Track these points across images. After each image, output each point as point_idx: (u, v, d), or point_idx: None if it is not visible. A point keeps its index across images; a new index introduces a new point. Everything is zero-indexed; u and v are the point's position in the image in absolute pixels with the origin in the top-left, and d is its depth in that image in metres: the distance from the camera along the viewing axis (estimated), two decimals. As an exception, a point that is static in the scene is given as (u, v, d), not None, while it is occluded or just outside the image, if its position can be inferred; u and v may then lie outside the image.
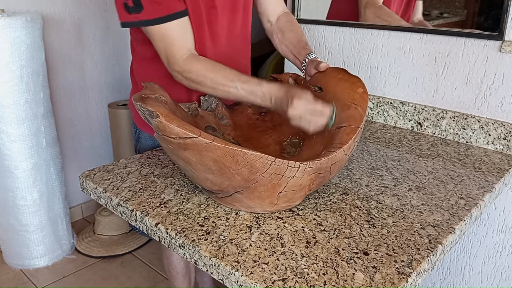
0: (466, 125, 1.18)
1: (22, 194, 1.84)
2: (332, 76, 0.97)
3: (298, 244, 0.73)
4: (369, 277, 0.65)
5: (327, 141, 0.87)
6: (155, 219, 0.80)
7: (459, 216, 0.82)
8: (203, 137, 0.69)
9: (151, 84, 0.88)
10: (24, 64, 1.71)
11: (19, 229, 1.89)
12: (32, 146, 1.80)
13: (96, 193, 0.95)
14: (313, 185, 0.79)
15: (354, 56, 1.39)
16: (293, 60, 1.12)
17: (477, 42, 1.13)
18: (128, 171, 1.00)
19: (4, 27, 1.63)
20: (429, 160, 1.07)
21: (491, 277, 1.23)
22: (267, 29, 1.22)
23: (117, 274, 1.95)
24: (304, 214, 0.82)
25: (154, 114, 0.71)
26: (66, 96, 2.19)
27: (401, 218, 0.81)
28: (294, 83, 1.09)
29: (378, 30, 1.31)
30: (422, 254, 0.70)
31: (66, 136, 2.23)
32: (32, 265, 1.97)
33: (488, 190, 0.93)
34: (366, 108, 0.87)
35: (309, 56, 1.05)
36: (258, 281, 0.64)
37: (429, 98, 1.25)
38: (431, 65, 1.23)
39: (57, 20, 2.07)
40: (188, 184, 0.94)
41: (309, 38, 1.47)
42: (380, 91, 1.35)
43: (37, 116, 1.81)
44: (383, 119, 1.35)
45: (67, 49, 2.14)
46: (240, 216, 0.81)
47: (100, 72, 2.31)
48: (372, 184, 0.94)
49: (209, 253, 0.70)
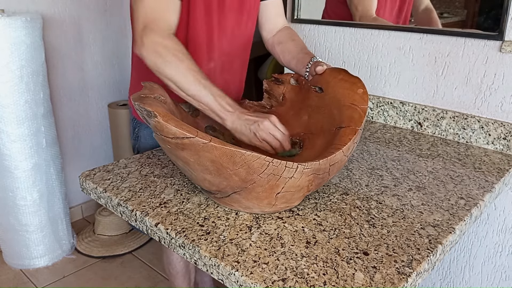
0: (466, 125, 1.18)
1: (22, 194, 1.84)
2: (332, 77, 0.97)
3: (298, 244, 0.73)
4: (369, 277, 0.65)
5: (327, 142, 0.87)
6: (155, 219, 0.80)
7: (459, 216, 0.82)
8: (201, 137, 0.69)
9: (151, 84, 0.88)
10: (24, 64, 1.71)
11: (19, 229, 1.89)
12: (32, 146, 1.80)
13: (96, 193, 0.95)
14: (311, 186, 0.79)
15: (354, 56, 1.39)
16: (295, 66, 1.10)
17: (477, 42, 1.13)
18: (128, 171, 1.00)
19: (4, 27, 1.63)
20: (429, 160, 1.07)
21: (491, 277, 1.23)
22: (267, 41, 1.22)
23: (117, 274, 1.95)
24: (304, 214, 0.82)
25: (152, 114, 0.71)
26: (66, 96, 2.19)
27: (401, 218, 0.81)
28: (295, 83, 1.09)
29: (378, 30, 1.31)
30: (422, 254, 0.70)
31: (66, 136, 2.23)
32: (32, 265, 1.97)
33: (488, 190, 0.93)
34: (366, 109, 0.86)
35: (313, 59, 1.04)
36: (258, 281, 0.64)
37: (429, 98, 1.25)
38: (431, 65, 1.23)
39: (57, 20, 2.07)
40: (188, 184, 0.94)
41: (309, 38, 1.47)
42: (380, 91, 1.35)
43: (37, 116, 1.81)
44: (383, 119, 1.35)
45: (67, 49, 2.14)
46: (240, 216, 0.81)
47: (100, 72, 2.31)
48: (372, 184, 0.94)
49: (209, 253, 0.70)
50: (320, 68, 0.99)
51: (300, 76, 1.08)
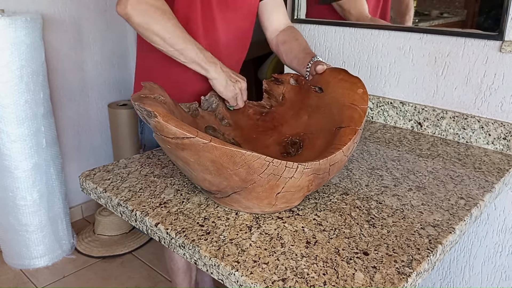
0: (466, 125, 1.18)
1: (22, 194, 1.84)
2: (332, 77, 0.97)
3: (298, 244, 0.73)
4: (369, 277, 0.65)
5: (327, 142, 0.87)
6: (155, 219, 0.80)
7: (459, 216, 0.82)
8: (201, 137, 0.69)
9: (151, 84, 0.88)
10: (24, 64, 1.71)
11: (19, 229, 1.89)
12: (32, 146, 1.80)
13: (96, 193, 0.95)
14: (311, 186, 0.79)
15: (354, 56, 1.39)
16: (296, 65, 1.12)
17: (477, 42, 1.13)
18: (128, 171, 1.00)
19: (4, 27, 1.63)
20: (429, 160, 1.07)
21: (491, 277, 1.23)
22: (271, 41, 1.23)
23: (117, 274, 1.95)
24: (304, 214, 0.82)
25: (152, 114, 0.71)
26: (66, 96, 2.19)
27: (401, 218, 0.81)
28: (295, 83, 1.09)
29: (378, 30, 1.31)
30: (422, 254, 0.70)
31: (66, 136, 2.23)
32: (32, 265, 1.97)
33: (488, 190, 0.93)
34: (366, 109, 0.86)
35: (314, 59, 1.05)
36: (258, 281, 0.64)
37: (429, 98, 1.25)
38: (431, 65, 1.23)
39: (57, 20, 2.07)
40: (188, 184, 0.94)
41: (309, 38, 1.47)
42: (380, 91, 1.35)
43: (37, 116, 1.81)
44: (383, 119, 1.35)
45: (67, 49, 2.14)
46: (240, 216, 0.81)
47: (100, 72, 2.31)
48: (372, 184, 0.94)
49: (209, 253, 0.70)
50: (320, 67, 0.99)
51: (299, 76, 1.09)
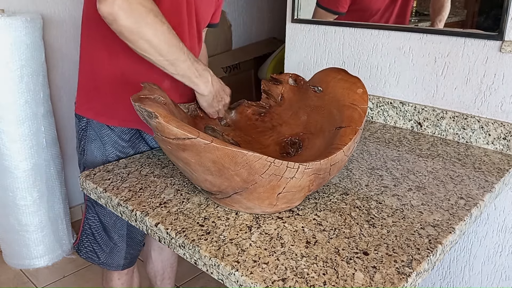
0: (466, 125, 1.18)
1: (22, 194, 1.84)
2: (332, 77, 0.97)
3: (298, 244, 0.73)
4: (369, 277, 0.65)
5: (326, 142, 0.87)
6: (155, 219, 0.80)
7: (459, 216, 0.82)
8: (202, 138, 0.69)
9: (150, 85, 0.88)
10: (24, 64, 1.71)
11: (19, 229, 1.89)
12: (32, 146, 1.80)
13: (96, 193, 0.95)
14: (312, 186, 0.79)
15: (354, 56, 1.39)
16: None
17: (477, 42, 1.13)
18: (128, 171, 1.00)
19: (4, 27, 1.63)
20: (429, 160, 1.07)
21: (491, 277, 1.23)
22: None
23: (117, 274, 1.95)
24: (304, 214, 0.82)
25: (153, 115, 0.70)
26: (66, 96, 2.19)
27: (401, 218, 0.81)
28: (294, 83, 1.09)
29: (378, 30, 1.31)
30: (422, 254, 0.70)
31: (66, 136, 2.23)
32: (32, 265, 1.97)
33: (488, 190, 0.93)
34: (366, 108, 0.87)
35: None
36: (258, 281, 0.64)
37: (429, 98, 1.25)
38: (431, 65, 1.23)
39: (57, 20, 2.07)
40: (188, 184, 0.94)
41: (309, 38, 1.47)
42: (380, 91, 1.35)
43: (37, 116, 1.81)
44: (383, 119, 1.35)
45: (67, 49, 2.14)
46: (240, 216, 0.81)
47: (100, 72, 2.31)
48: (372, 184, 0.94)
49: (209, 253, 0.70)
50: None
51: (298, 76, 1.09)
